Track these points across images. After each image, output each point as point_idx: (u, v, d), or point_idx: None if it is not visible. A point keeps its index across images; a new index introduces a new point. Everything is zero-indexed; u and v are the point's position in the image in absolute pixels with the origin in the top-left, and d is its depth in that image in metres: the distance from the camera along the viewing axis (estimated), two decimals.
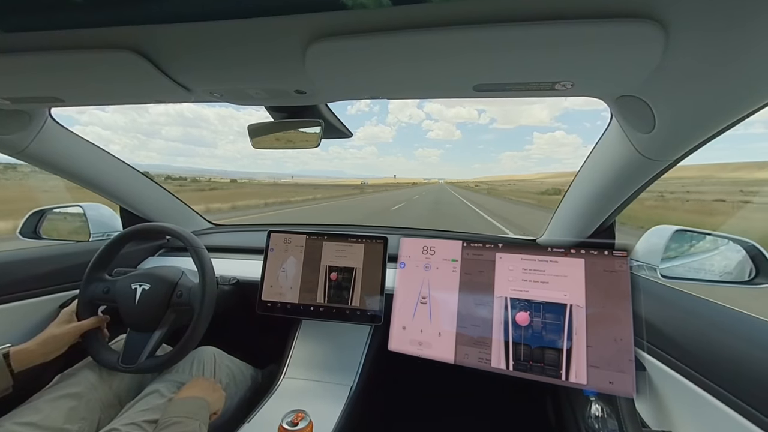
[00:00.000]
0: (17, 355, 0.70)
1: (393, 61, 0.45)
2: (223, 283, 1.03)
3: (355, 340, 0.96)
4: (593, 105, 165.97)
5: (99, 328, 0.83)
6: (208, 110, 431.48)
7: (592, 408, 0.73)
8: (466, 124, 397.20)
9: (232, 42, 0.44)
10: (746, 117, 0.49)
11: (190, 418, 0.62)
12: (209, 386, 0.74)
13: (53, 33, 0.43)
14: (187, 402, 0.67)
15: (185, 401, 0.67)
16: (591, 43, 0.39)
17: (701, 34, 0.36)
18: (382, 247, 0.96)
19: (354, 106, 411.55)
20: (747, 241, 0.76)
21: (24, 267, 0.94)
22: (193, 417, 0.62)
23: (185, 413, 0.63)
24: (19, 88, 0.61)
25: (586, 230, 0.92)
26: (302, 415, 0.65)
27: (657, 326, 0.66)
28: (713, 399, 0.51)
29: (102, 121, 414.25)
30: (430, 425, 1.21)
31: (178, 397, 0.69)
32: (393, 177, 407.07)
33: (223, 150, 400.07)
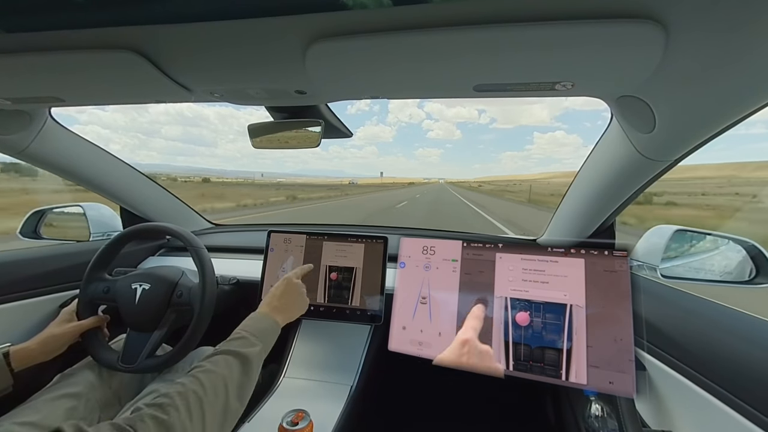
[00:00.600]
0: (17, 355, 0.70)
1: (393, 62, 0.45)
2: (223, 283, 1.03)
3: (355, 340, 0.96)
4: (594, 105, 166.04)
5: (99, 327, 0.83)
6: (208, 110, 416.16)
7: (592, 408, 0.73)
8: (467, 124, 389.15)
9: (233, 42, 0.44)
10: (746, 117, 0.49)
11: (256, 337, 0.61)
12: (293, 300, 0.74)
13: (54, 33, 0.43)
14: (262, 320, 0.66)
15: (263, 318, 0.67)
16: (591, 43, 0.39)
17: (701, 35, 0.37)
18: (382, 247, 0.97)
19: (354, 106, 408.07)
20: (747, 241, 0.76)
21: (24, 267, 0.94)
22: (258, 338, 0.61)
23: (255, 331, 0.62)
24: (19, 88, 0.61)
25: (586, 230, 0.92)
26: (302, 414, 0.65)
27: (657, 326, 0.66)
28: (713, 399, 0.51)
29: (101, 121, 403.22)
30: (430, 425, 1.21)
31: (259, 310, 0.69)
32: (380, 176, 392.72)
33: (224, 149, 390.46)
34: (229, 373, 0.53)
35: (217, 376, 0.52)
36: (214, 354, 0.56)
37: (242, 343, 0.59)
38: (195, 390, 0.48)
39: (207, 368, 0.53)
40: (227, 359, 0.55)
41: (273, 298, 0.72)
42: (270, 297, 0.72)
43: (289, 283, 0.75)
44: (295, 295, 0.75)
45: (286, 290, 0.74)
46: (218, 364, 0.54)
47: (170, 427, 0.43)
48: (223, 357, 0.55)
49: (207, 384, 0.50)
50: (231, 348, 0.57)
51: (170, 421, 0.43)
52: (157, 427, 0.42)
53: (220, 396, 0.50)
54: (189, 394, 0.47)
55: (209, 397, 0.49)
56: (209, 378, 0.51)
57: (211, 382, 0.51)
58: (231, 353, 0.56)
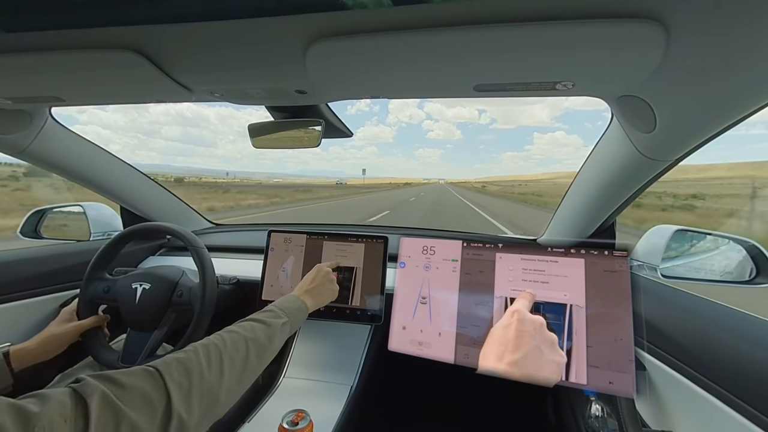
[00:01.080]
0: (17, 354, 0.70)
1: (394, 61, 0.45)
2: (224, 282, 1.03)
3: (355, 339, 0.96)
4: (594, 105, 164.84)
5: (99, 327, 0.83)
6: (208, 110, 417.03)
7: (592, 408, 0.73)
8: (467, 125, 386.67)
9: (233, 42, 0.44)
10: (747, 117, 0.49)
11: (284, 312, 0.65)
12: (324, 285, 0.79)
13: (54, 33, 0.43)
14: (293, 300, 0.70)
15: (294, 298, 0.71)
16: (592, 43, 0.39)
17: (702, 35, 0.36)
18: (382, 247, 0.97)
19: (354, 106, 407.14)
20: (747, 241, 0.76)
21: (24, 266, 0.94)
22: (286, 313, 0.65)
23: (284, 307, 0.66)
24: (20, 88, 0.61)
25: (586, 230, 0.92)
26: (302, 414, 0.65)
27: (657, 326, 0.66)
28: (713, 399, 0.51)
29: (102, 121, 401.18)
30: (430, 425, 1.21)
31: (294, 293, 0.74)
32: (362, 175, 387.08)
33: (224, 150, 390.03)
34: (252, 335, 0.56)
35: (240, 336, 0.55)
36: (242, 321, 0.60)
37: (269, 314, 0.63)
38: (216, 343, 0.52)
39: (232, 329, 0.57)
40: (252, 324, 0.59)
41: (305, 283, 0.77)
42: (302, 282, 0.78)
43: (320, 269, 0.81)
44: (327, 282, 0.80)
45: (318, 276, 0.79)
46: (243, 328, 0.57)
47: (188, 367, 0.46)
48: (250, 323, 0.59)
49: (228, 340, 0.53)
50: (258, 317, 0.61)
51: (188, 359, 0.46)
52: (177, 365, 0.45)
53: (241, 351, 0.53)
54: (210, 346, 0.51)
55: (229, 350, 0.52)
56: (231, 336, 0.54)
57: (233, 339, 0.54)
58: (256, 320, 0.60)
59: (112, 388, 0.37)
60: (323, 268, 0.81)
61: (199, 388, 0.44)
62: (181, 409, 0.41)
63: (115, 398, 0.36)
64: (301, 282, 0.78)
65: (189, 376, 0.44)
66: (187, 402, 0.42)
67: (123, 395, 0.37)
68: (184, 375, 0.44)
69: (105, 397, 0.36)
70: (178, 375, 0.43)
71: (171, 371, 0.43)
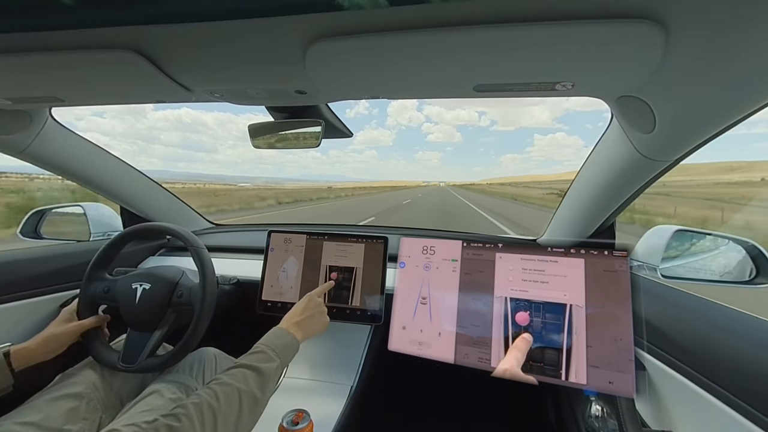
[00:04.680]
0: (17, 354, 0.70)
1: (393, 62, 0.45)
2: (224, 282, 1.03)
3: (355, 339, 0.96)
4: (595, 106, 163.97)
5: (99, 327, 0.83)
6: (206, 115, 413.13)
7: (592, 408, 0.73)
8: (467, 127, 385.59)
9: (233, 42, 0.44)
10: (747, 117, 0.49)
11: (276, 353, 0.63)
12: (314, 317, 0.76)
13: (54, 33, 0.43)
14: (283, 336, 0.68)
15: (285, 334, 0.68)
16: (591, 43, 0.39)
17: (701, 35, 0.37)
18: (382, 247, 0.97)
19: (353, 109, 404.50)
20: (747, 241, 0.76)
21: (24, 267, 0.94)
22: (278, 354, 0.63)
23: (275, 347, 0.64)
24: (20, 88, 0.61)
25: (586, 230, 0.92)
26: (302, 414, 0.65)
27: (657, 326, 0.66)
28: (713, 399, 0.51)
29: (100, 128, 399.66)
30: (430, 425, 1.21)
31: (281, 326, 0.71)
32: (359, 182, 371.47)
33: (223, 155, 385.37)
34: (246, 387, 0.55)
35: (233, 389, 0.54)
36: (233, 367, 0.58)
37: (261, 357, 0.61)
38: (210, 402, 0.50)
39: (224, 381, 0.54)
40: (245, 373, 0.57)
41: (294, 315, 0.75)
42: (292, 313, 0.75)
43: (311, 300, 0.78)
44: (318, 313, 0.77)
45: (308, 307, 0.77)
46: (235, 378, 0.55)
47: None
48: (241, 371, 0.57)
49: (222, 396, 0.52)
50: (249, 362, 0.59)
51: (182, 428, 0.45)
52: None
53: (234, 408, 0.52)
54: (204, 405, 0.49)
55: (223, 408, 0.50)
56: (225, 391, 0.53)
57: (226, 395, 0.52)
58: (249, 367, 0.58)
59: None
60: (314, 298, 0.79)
61: None
62: None
63: None
64: (290, 312, 0.75)
65: None
66: None
67: None
68: None
69: None
70: None
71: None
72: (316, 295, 0.80)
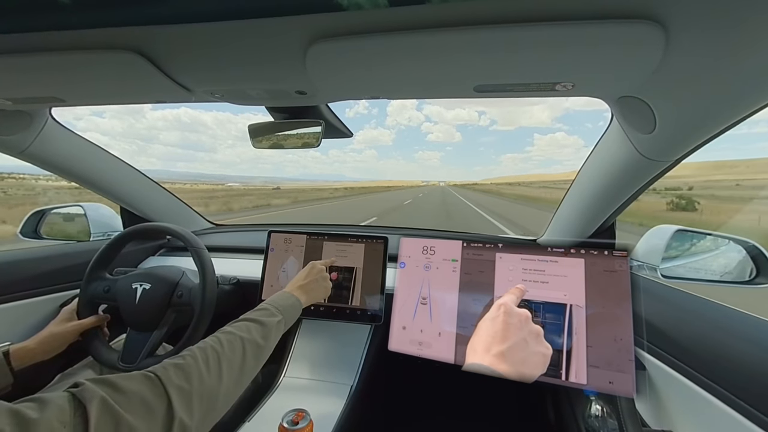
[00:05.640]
0: (17, 353, 0.70)
1: (393, 62, 0.45)
2: (224, 282, 1.03)
3: (355, 339, 0.96)
4: (595, 105, 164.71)
5: (99, 327, 0.83)
6: (205, 115, 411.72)
7: (592, 408, 0.73)
8: (467, 126, 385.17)
9: (233, 43, 0.44)
10: (747, 117, 0.49)
11: (278, 310, 0.65)
12: (317, 282, 0.78)
13: (54, 33, 0.43)
14: (286, 297, 0.71)
15: (288, 295, 0.71)
16: (591, 44, 0.39)
17: (701, 35, 0.37)
18: (382, 247, 0.97)
19: (352, 109, 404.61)
20: (747, 241, 0.76)
21: (24, 267, 0.95)
22: (280, 310, 0.65)
23: (278, 305, 0.67)
24: (20, 89, 0.61)
25: (586, 230, 0.92)
26: (302, 414, 0.65)
27: (657, 326, 0.66)
28: (713, 398, 0.51)
29: (99, 127, 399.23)
30: (430, 425, 1.21)
31: (285, 289, 0.74)
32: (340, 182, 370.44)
33: (222, 155, 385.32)
34: (249, 335, 0.57)
35: (236, 336, 0.55)
36: (237, 321, 0.60)
37: (264, 313, 0.63)
38: (213, 346, 0.52)
39: (227, 330, 0.57)
40: (248, 324, 0.59)
41: (298, 279, 0.77)
42: (296, 278, 0.78)
43: (314, 266, 0.81)
44: (320, 279, 0.80)
45: (311, 272, 0.79)
46: (239, 328, 0.58)
47: (187, 371, 0.46)
48: (245, 323, 0.59)
49: (225, 342, 0.53)
50: (253, 316, 0.61)
51: (187, 364, 0.46)
52: (175, 370, 0.45)
53: (237, 353, 0.53)
54: (208, 349, 0.51)
55: (227, 352, 0.52)
56: (228, 338, 0.55)
57: (230, 341, 0.54)
58: (252, 320, 0.60)
59: (112, 393, 0.37)
60: (317, 265, 0.82)
61: (198, 392, 0.44)
62: (182, 413, 0.41)
63: (115, 403, 0.36)
64: (294, 278, 0.78)
65: (188, 380, 0.44)
66: (187, 406, 0.42)
67: (122, 400, 0.37)
68: (183, 379, 0.44)
69: (104, 402, 0.36)
70: (178, 379, 0.44)
71: (170, 376, 0.43)
72: (319, 263, 0.83)
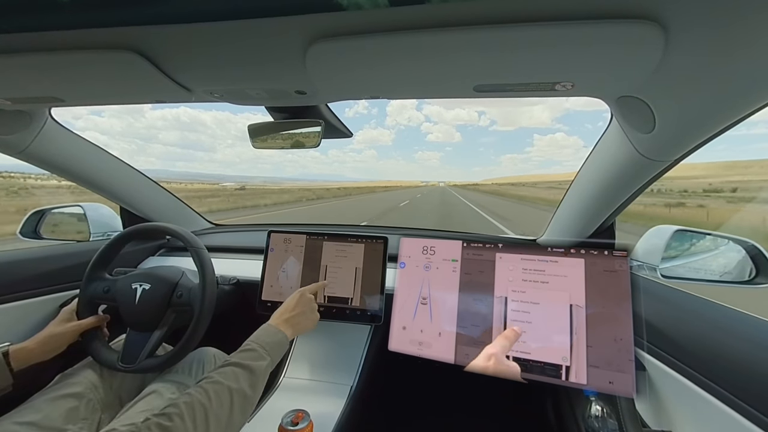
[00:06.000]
0: (17, 354, 0.70)
1: (394, 62, 0.45)
2: (224, 283, 1.03)
3: (355, 339, 0.96)
4: (595, 106, 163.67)
5: (99, 327, 0.83)
6: (204, 114, 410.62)
7: (592, 408, 0.73)
8: (466, 126, 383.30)
9: (233, 42, 0.44)
10: (747, 117, 0.49)
11: (266, 351, 0.63)
12: (305, 314, 0.76)
13: (54, 33, 0.43)
14: (273, 333, 0.68)
15: (275, 331, 0.68)
16: (591, 43, 0.39)
17: (701, 35, 0.37)
18: (382, 247, 0.97)
19: (352, 109, 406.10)
20: (747, 241, 0.76)
21: (24, 267, 0.94)
22: (268, 351, 0.63)
23: (265, 344, 0.64)
24: (19, 89, 0.61)
25: (586, 230, 0.92)
26: (302, 414, 0.65)
27: (657, 326, 0.66)
28: (713, 399, 0.51)
29: (98, 126, 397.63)
30: (430, 425, 1.21)
31: (271, 322, 0.71)
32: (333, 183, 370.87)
33: (222, 154, 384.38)
34: (237, 386, 0.55)
35: (224, 387, 0.54)
36: (224, 365, 0.58)
37: (251, 355, 0.61)
38: (201, 400, 0.50)
39: (215, 379, 0.55)
40: (236, 371, 0.57)
41: (285, 311, 0.74)
42: (283, 309, 0.75)
43: (302, 296, 0.78)
44: (308, 310, 0.77)
45: (299, 303, 0.76)
46: (226, 376, 0.56)
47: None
48: (232, 369, 0.57)
49: (213, 395, 0.52)
50: (240, 360, 0.59)
51: (174, 427, 0.45)
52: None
53: (225, 407, 0.52)
54: (195, 404, 0.49)
55: (214, 407, 0.51)
56: (216, 389, 0.53)
57: (217, 393, 0.53)
58: (240, 365, 0.58)
59: None
60: (306, 295, 0.78)
61: None
62: None
63: None
64: (281, 308, 0.75)
65: None
66: None
67: None
68: None
69: None
70: None
71: None
72: (308, 291, 0.80)
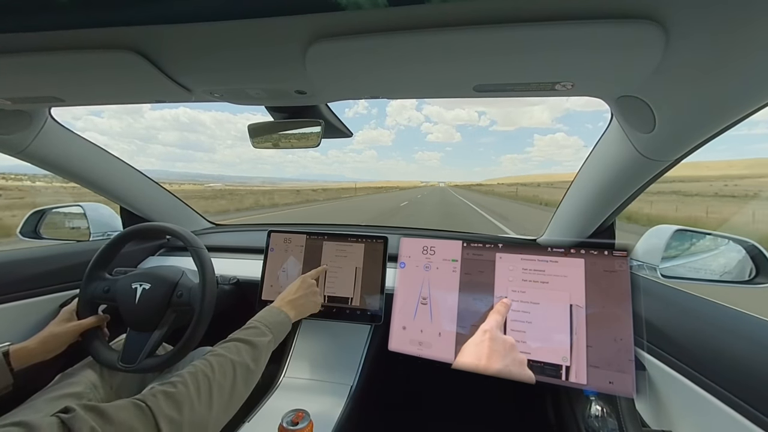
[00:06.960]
0: (17, 354, 0.70)
1: (393, 62, 0.45)
2: (224, 282, 1.03)
3: (355, 339, 0.96)
4: (595, 106, 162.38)
5: (99, 327, 0.83)
6: (204, 114, 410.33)
7: (592, 408, 0.73)
8: (466, 126, 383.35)
9: (233, 42, 0.44)
10: (747, 117, 0.49)
11: (268, 329, 0.65)
12: (307, 297, 0.78)
13: (54, 33, 0.43)
14: (276, 313, 0.70)
15: (278, 312, 0.71)
16: (591, 43, 0.39)
17: (701, 35, 0.37)
18: (382, 247, 0.97)
19: (352, 109, 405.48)
20: (747, 241, 0.76)
21: (24, 267, 0.94)
22: (270, 329, 0.65)
23: (268, 323, 0.66)
24: (19, 88, 0.61)
25: (586, 230, 0.92)
26: (302, 414, 0.65)
27: (657, 326, 0.66)
28: (713, 398, 0.51)
29: (98, 127, 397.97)
30: (430, 425, 1.21)
31: (274, 304, 0.73)
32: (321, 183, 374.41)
33: (221, 155, 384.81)
34: (239, 359, 0.56)
35: (227, 360, 0.55)
36: (227, 340, 0.60)
37: (254, 332, 0.63)
38: (204, 371, 0.52)
39: (218, 352, 0.56)
40: (238, 346, 0.59)
41: (288, 293, 0.77)
42: (286, 292, 0.77)
43: (304, 280, 0.81)
44: (310, 294, 0.80)
45: (301, 287, 0.79)
46: (229, 350, 0.57)
47: (178, 399, 0.46)
48: (235, 344, 0.59)
49: (216, 366, 0.53)
50: (243, 336, 0.61)
51: (178, 393, 0.46)
52: (165, 399, 0.45)
53: (228, 378, 0.53)
54: (199, 374, 0.51)
55: (218, 377, 0.52)
56: (219, 361, 0.54)
57: (221, 365, 0.54)
58: (242, 341, 0.60)
59: (102, 424, 0.38)
60: (308, 280, 0.81)
61: (189, 422, 0.44)
62: None
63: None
64: (284, 291, 0.78)
65: (179, 410, 0.44)
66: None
67: (112, 431, 0.38)
68: (174, 409, 0.44)
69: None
70: (168, 409, 0.43)
71: (161, 406, 0.43)
72: (309, 276, 0.83)
